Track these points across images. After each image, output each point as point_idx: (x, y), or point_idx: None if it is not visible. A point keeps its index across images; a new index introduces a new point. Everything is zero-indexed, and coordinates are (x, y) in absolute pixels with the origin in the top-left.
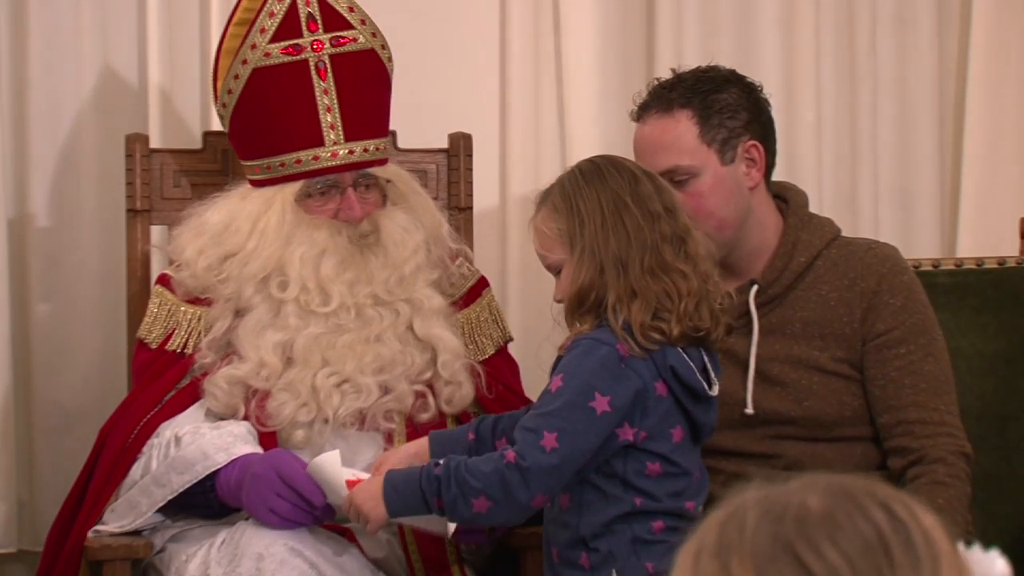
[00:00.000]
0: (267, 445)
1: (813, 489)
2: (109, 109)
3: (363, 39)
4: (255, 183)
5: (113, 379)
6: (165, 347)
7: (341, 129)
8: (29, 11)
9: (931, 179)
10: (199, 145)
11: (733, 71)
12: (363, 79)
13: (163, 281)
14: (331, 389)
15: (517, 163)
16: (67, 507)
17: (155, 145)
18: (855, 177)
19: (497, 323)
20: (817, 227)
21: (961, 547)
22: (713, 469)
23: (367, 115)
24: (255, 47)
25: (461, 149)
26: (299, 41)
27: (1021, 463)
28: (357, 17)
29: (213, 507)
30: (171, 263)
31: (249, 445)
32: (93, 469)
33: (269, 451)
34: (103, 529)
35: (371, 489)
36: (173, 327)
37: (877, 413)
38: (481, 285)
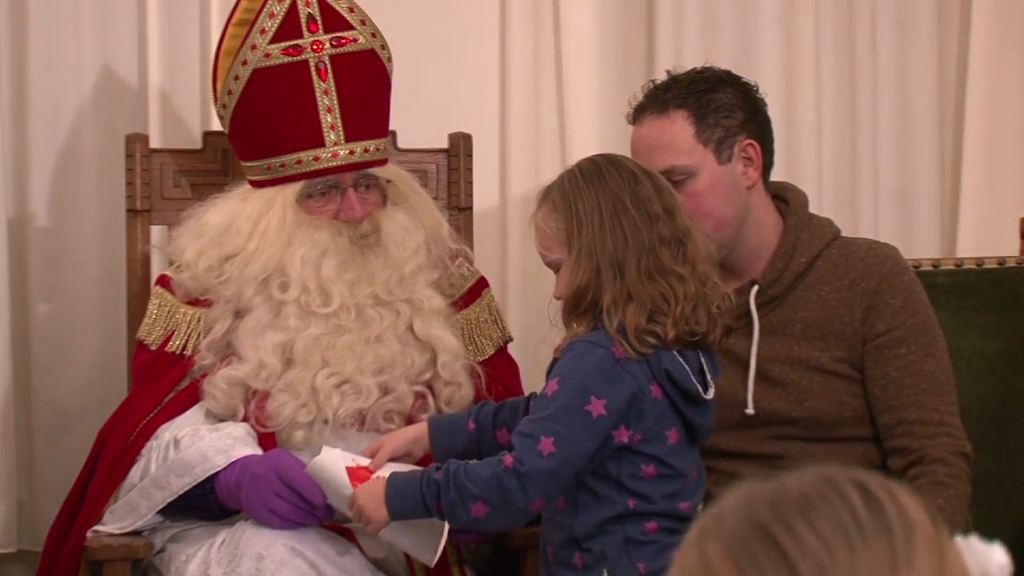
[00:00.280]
0: (266, 446)
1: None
2: (109, 109)
3: (363, 39)
4: (255, 184)
5: (113, 379)
6: (165, 349)
7: (341, 129)
8: (29, 11)
9: (931, 179)
10: (199, 145)
11: (728, 71)
12: (363, 79)
13: (163, 282)
14: (331, 390)
15: (517, 163)
16: (67, 507)
17: (155, 145)
18: (855, 177)
19: (497, 323)
20: (817, 227)
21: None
22: (714, 470)
23: (367, 115)
24: (255, 48)
25: (461, 149)
26: (299, 42)
27: (1021, 463)
28: (357, 17)
29: (213, 509)
30: (171, 264)
31: (248, 447)
32: (92, 471)
33: (268, 452)
34: (103, 529)
35: (373, 490)
36: (173, 329)
37: (877, 413)
38: (481, 285)
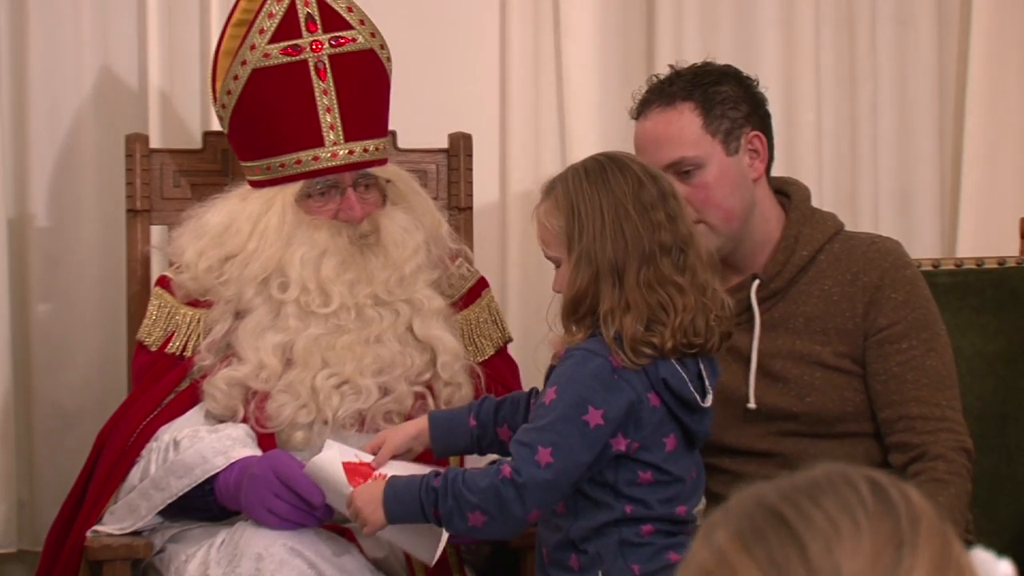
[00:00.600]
0: (266, 447)
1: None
2: (109, 109)
3: (362, 39)
4: (255, 184)
5: (113, 380)
6: (165, 350)
7: (341, 129)
8: (29, 11)
9: (931, 179)
10: (199, 145)
11: (729, 65)
12: (362, 79)
13: (163, 283)
14: (331, 390)
15: (517, 163)
16: (67, 507)
17: (155, 145)
18: (855, 177)
19: (496, 324)
20: (820, 221)
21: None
22: (716, 467)
23: (367, 115)
24: (254, 48)
25: (461, 149)
26: (298, 41)
27: (1021, 463)
28: (356, 17)
29: (212, 511)
30: (171, 265)
31: (247, 448)
32: (92, 471)
33: (267, 452)
34: (102, 530)
35: (372, 492)
36: (173, 330)
37: (878, 408)
38: (480, 286)
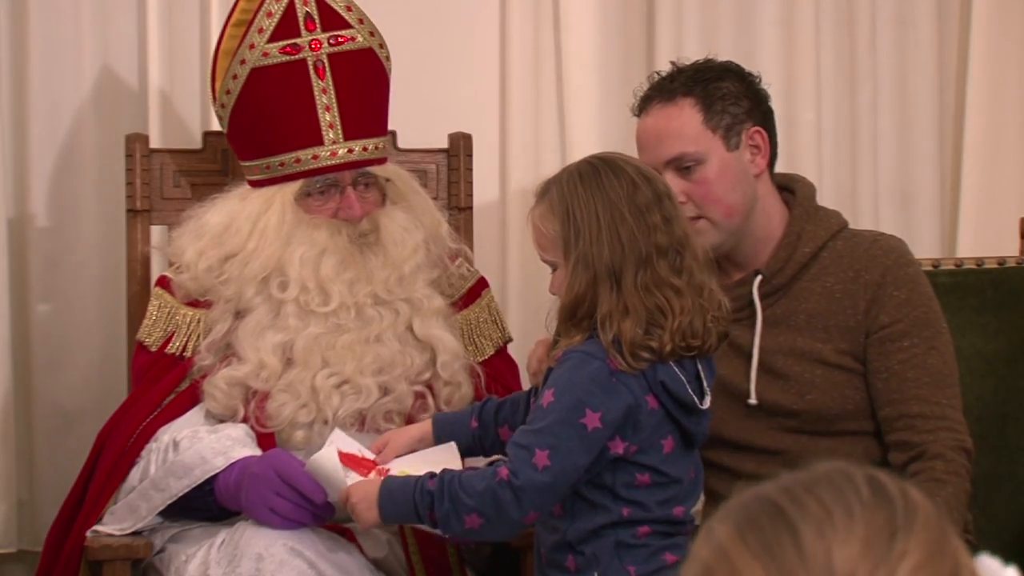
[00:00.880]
0: (266, 446)
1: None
2: (109, 109)
3: (361, 38)
4: (254, 183)
5: (113, 379)
6: (165, 350)
7: (340, 128)
8: (29, 11)
9: (931, 179)
10: (199, 145)
11: (731, 62)
12: (361, 78)
13: (163, 283)
14: (331, 390)
15: (517, 162)
16: (67, 508)
17: (155, 145)
18: (855, 177)
19: (496, 324)
20: (823, 218)
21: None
22: (715, 464)
23: (366, 114)
24: (253, 47)
25: (461, 149)
26: (297, 41)
27: (1021, 463)
28: (355, 16)
29: (212, 511)
30: (171, 265)
31: (247, 448)
32: (92, 471)
33: (267, 451)
34: (102, 530)
35: (368, 490)
36: (173, 330)
37: (879, 406)
38: (480, 286)
